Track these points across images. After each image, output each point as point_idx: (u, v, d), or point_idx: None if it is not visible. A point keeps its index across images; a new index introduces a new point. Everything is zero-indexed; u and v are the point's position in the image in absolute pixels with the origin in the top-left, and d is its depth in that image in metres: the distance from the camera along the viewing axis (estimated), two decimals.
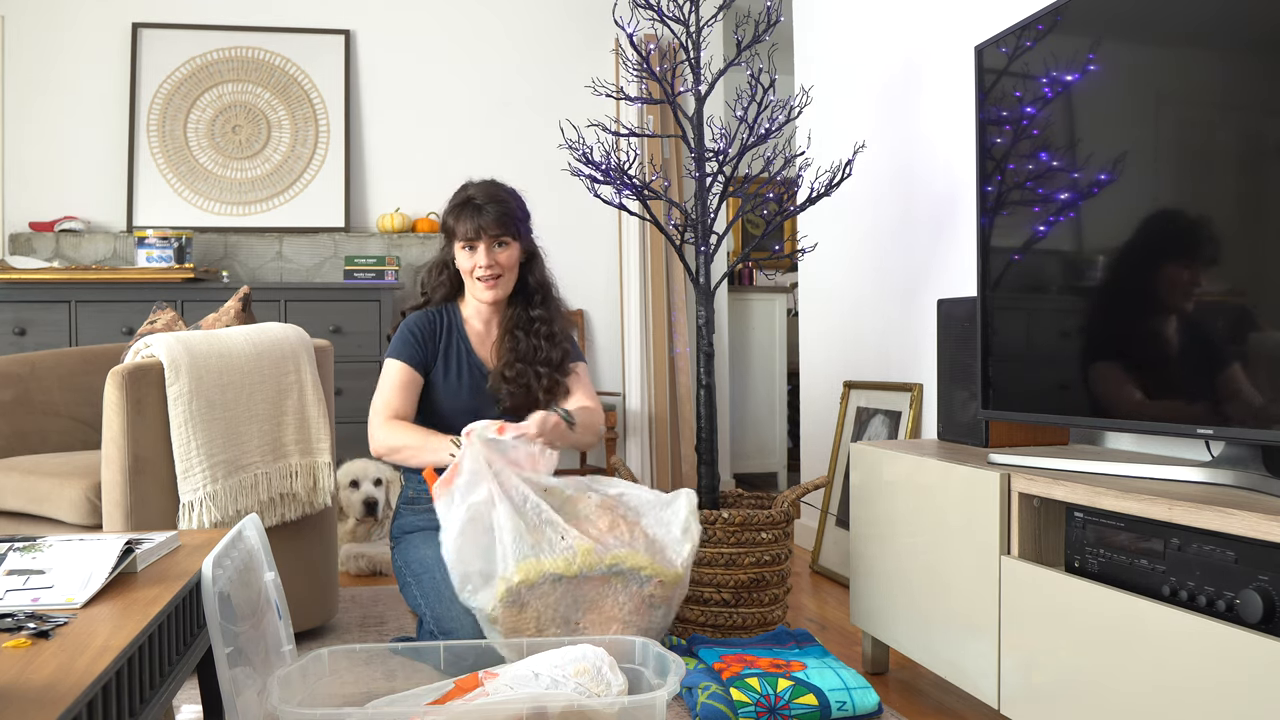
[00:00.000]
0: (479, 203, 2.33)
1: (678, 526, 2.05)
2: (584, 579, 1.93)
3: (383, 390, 2.33)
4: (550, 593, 1.91)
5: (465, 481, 1.99)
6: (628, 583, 1.96)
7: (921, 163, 2.88)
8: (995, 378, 1.98)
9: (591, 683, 1.64)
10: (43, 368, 2.77)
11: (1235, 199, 1.51)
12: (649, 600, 2.00)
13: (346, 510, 3.36)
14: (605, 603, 1.96)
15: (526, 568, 1.89)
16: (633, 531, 2.02)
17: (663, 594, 2.01)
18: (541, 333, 2.39)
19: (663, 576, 1.99)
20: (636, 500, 2.09)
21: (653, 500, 2.09)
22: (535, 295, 2.43)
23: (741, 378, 5.14)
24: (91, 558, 1.30)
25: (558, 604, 1.92)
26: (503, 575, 1.90)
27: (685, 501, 2.07)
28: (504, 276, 2.35)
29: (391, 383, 2.33)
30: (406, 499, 2.42)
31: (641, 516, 2.06)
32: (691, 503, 2.08)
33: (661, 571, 1.99)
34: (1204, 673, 1.31)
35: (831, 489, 3.22)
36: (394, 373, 2.34)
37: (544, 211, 4.57)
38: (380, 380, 2.36)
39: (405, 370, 2.33)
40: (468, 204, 2.34)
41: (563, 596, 1.92)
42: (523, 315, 2.41)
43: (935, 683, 2.19)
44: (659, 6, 2.64)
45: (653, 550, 2.01)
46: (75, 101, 4.37)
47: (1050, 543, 1.74)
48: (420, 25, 4.64)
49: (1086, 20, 1.76)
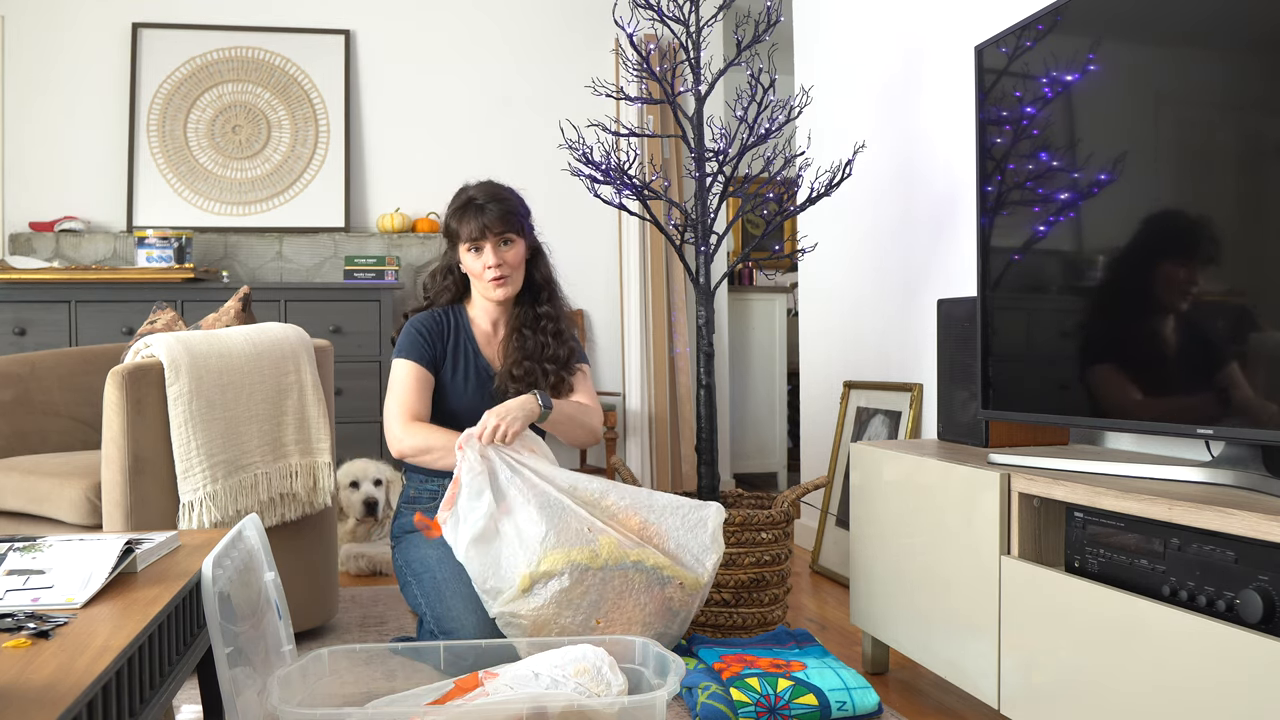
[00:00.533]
0: (480, 202, 2.32)
1: (706, 535, 2.06)
2: (609, 573, 1.94)
3: (397, 391, 2.32)
4: (576, 586, 1.91)
5: (466, 495, 1.99)
6: (650, 583, 1.97)
7: (922, 162, 2.88)
8: (995, 378, 1.98)
9: (591, 683, 1.64)
10: (43, 368, 2.77)
11: (1235, 199, 1.51)
12: (669, 603, 2.01)
13: (346, 510, 3.35)
14: (627, 602, 1.97)
15: (553, 558, 1.90)
16: (661, 533, 2.04)
17: (683, 598, 2.02)
18: (549, 330, 2.40)
19: (685, 580, 2.00)
20: (665, 504, 2.09)
21: (682, 506, 2.10)
22: (542, 292, 2.44)
23: (741, 378, 5.13)
24: (91, 558, 1.30)
25: (582, 597, 1.93)
26: (527, 566, 1.91)
27: (715, 514, 2.10)
28: (512, 274, 2.35)
29: (405, 383, 2.32)
30: (408, 498, 2.42)
31: (669, 520, 2.07)
32: (720, 516, 2.10)
33: (685, 576, 2.01)
34: (1204, 673, 1.31)
35: (831, 489, 3.22)
36: (406, 373, 2.33)
37: (544, 211, 4.57)
38: (391, 381, 2.35)
39: (417, 369, 2.33)
40: (469, 205, 2.33)
41: (587, 591, 1.93)
42: (529, 313, 2.42)
43: (935, 683, 2.19)
44: (659, 6, 2.64)
45: (680, 553, 2.03)
46: (75, 101, 4.37)
47: (1050, 543, 1.74)
48: (420, 25, 4.64)
49: (1086, 20, 1.76)
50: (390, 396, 2.34)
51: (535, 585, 1.91)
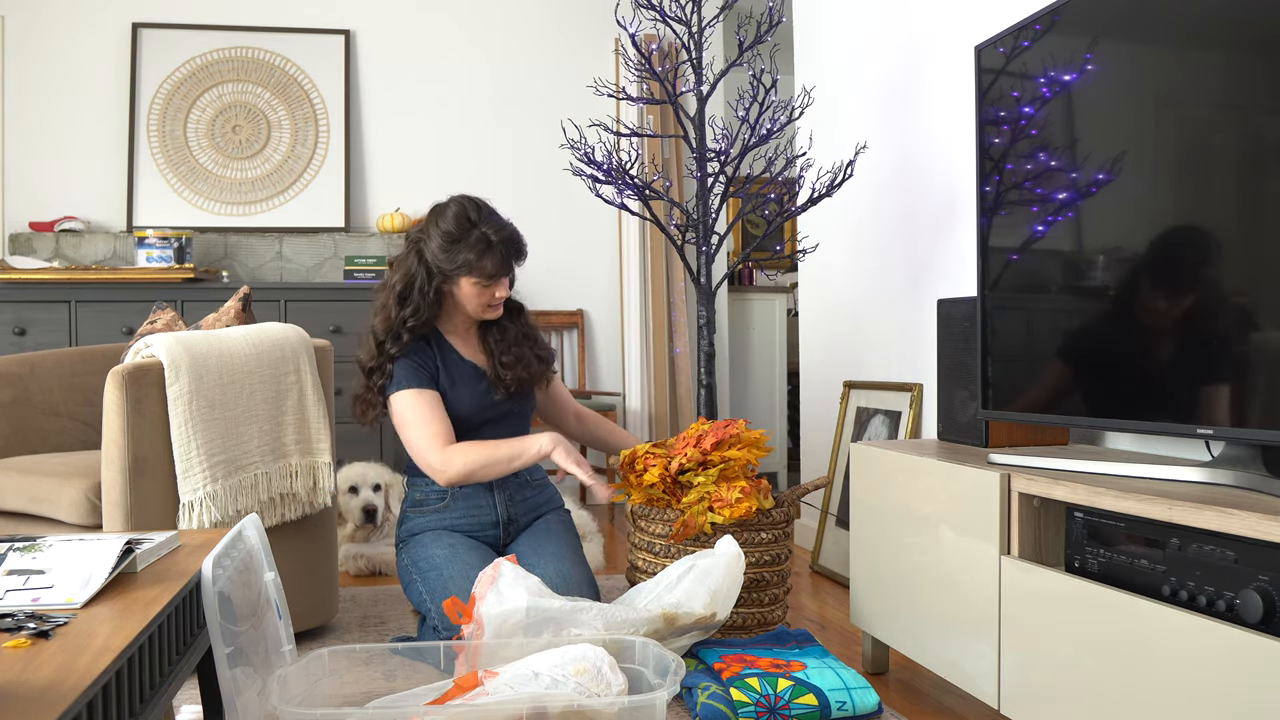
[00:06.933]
0: (500, 246, 2.35)
1: (738, 575, 2.07)
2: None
3: (416, 423, 2.33)
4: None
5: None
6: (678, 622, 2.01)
7: (922, 162, 2.88)
8: (995, 378, 1.98)
9: (591, 682, 1.64)
10: (43, 368, 2.77)
11: (1234, 199, 1.51)
12: (684, 628, 2.02)
13: (345, 515, 3.34)
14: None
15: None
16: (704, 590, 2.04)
17: (699, 625, 2.03)
18: (521, 319, 2.53)
19: (707, 615, 2.01)
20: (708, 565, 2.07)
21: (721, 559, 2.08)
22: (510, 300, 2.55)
23: (741, 378, 5.14)
24: (91, 558, 1.30)
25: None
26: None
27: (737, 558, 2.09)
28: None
29: (421, 413, 2.33)
30: (413, 502, 2.43)
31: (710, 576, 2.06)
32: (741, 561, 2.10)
33: (714, 616, 2.04)
34: (1204, 673, 1.31)
35: (831, 489, 3.22)
36: (418, 401, 2.34)
37: (544, 211, 4.59)
38: (406, 415, 2.34)
39: (425, 395, 2.35)
40: (490, 246, 2.34)
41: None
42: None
43: (935, 683, 2.19)
44: (661, 6, 2.64)
45: (715, 601, 2.03)
46: (75, 101, 4.37)
47: (1050, 543, 1.74)
48: (420, 25, 4.64)
49: (1084, 20, 1.76)
50: (411, 429, 2.33)
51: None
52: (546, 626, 1.86)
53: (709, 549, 2.13)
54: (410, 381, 2.34)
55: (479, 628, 1.87)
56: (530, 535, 2.42)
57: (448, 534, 2.35)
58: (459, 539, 2.34)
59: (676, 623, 1.97)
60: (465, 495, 2.41)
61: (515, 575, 1.93)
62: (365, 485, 3.35)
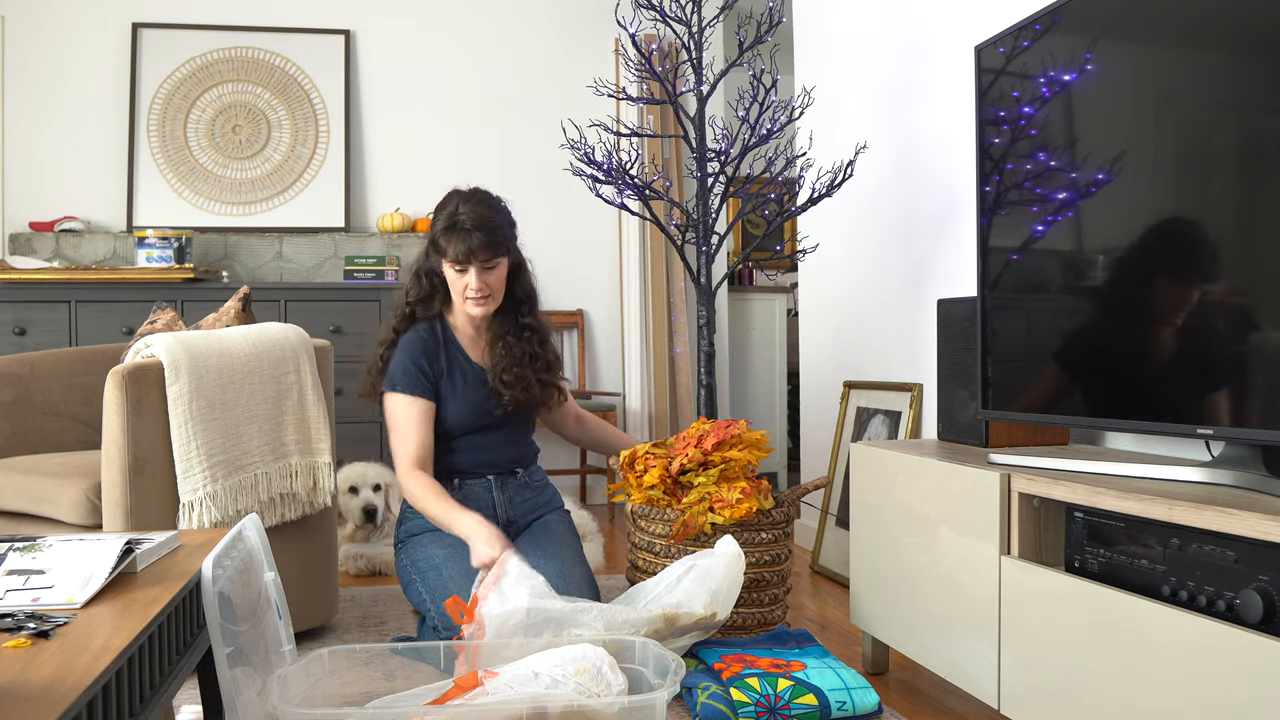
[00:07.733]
0: (468, 227, 2.31)
1: (738, 575, 2.07)
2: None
3: (397, 432, 2.35)
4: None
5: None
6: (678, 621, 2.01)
7: (922, 162, 2.88)
8: (995, 378, 1.98)
9: (591, 682, 1.64)
10: (43, 368, 2.77)
11: (1234, 199, 1.51)
12: (684, 629, 2.02)
13: (345, 516, 3.34)
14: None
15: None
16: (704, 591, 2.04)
17: (699, 625, 2.03)
18: (534, 340, 2.47)
19: (707, 615, 2.01)
20: (708, 565, 2.08)
21: (721, 559, 2.09)
22: (523, 305, 2.49)
23: (741, 378, 5.14)
24: (91, 558, 1.30)
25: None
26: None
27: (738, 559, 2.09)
28: (493, 294, 2.39)
29: (405, 424, 2.35)
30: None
31: (710, 576, 2.06)
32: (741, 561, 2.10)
33: (714, 616, 2.03)
34: (1204, 673, 1.31)
35: (831, 489, 3.22)
36: (406, 411, 2.35)
37: (544, 211, 4.59)
38: (391, 421, 2.37)
39: (416, 404, 2.35)
40: (457, 227, 2.32)
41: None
42: (512, 324, 2.47)
43: (935, 683, 2.19)
44: (661, 7, 2.64)
45: (715, 601, 2.03)
46: (75, 101, 4.37)
47: (1050, 543, 1.74)
48: (420, 25, 4.64)
49: (1083, 21, 1.76)
50: (393, 437, 2.37)
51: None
52: (547, 627, 1.86)
53: (709, 549, 2.13)
54: (405, 386, 2.35)
55: (480, 628, 1.87)
56: (530, 535, 2.42)
57: (447, 534, 2.35)
58: (459, 539, 2.34)
59: (677, 623, 1.97)
60: (465, 496, 2.41)
61: (520, 575, 1.94)
62: (365, 485, 3.35)
